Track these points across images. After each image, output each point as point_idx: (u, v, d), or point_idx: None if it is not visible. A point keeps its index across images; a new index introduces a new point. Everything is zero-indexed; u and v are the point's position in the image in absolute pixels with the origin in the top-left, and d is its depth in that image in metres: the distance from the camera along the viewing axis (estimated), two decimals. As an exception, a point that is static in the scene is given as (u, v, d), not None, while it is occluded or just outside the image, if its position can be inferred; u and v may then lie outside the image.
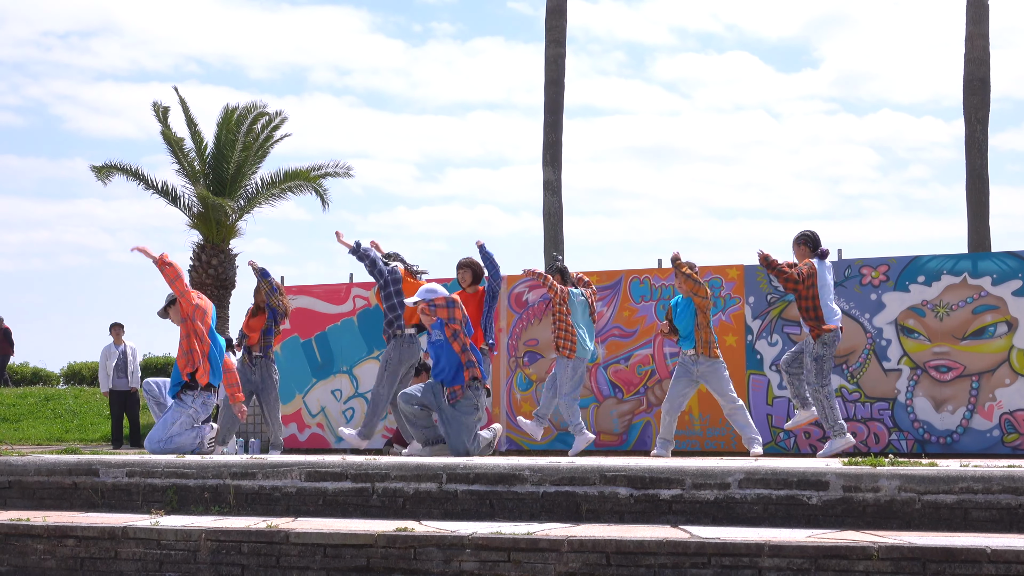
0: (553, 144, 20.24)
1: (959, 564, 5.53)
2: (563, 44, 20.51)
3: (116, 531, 6.98)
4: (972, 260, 11.21)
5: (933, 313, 11.04)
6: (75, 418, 19.46)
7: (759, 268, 11.52)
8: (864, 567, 5.62)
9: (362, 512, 7.21)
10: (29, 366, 26.30)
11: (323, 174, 22.43)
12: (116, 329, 16.07)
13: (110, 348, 15.98)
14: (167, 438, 9.13)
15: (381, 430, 12.82)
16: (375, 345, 13.08)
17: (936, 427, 10.96)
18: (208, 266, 21.49)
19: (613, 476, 6.81)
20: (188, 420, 9.20)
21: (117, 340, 16.00)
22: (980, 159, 18.69)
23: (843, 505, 6.42)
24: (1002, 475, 6.27)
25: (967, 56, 18.92)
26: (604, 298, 12.21)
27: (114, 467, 7.95)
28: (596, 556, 6.01)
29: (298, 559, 6.53)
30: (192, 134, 22.21)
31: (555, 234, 19.95)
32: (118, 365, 15.87)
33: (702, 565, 5.85)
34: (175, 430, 9.15)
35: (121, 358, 15.93)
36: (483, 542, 6.21)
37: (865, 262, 11.34)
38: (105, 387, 16.02)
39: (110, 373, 15.86)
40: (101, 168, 21.54)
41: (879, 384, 11.16)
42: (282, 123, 22.64)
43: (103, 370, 16.06)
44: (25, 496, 8.12)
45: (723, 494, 6.60)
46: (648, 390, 11.97)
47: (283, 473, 7.48)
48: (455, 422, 8.70)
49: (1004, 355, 10.80)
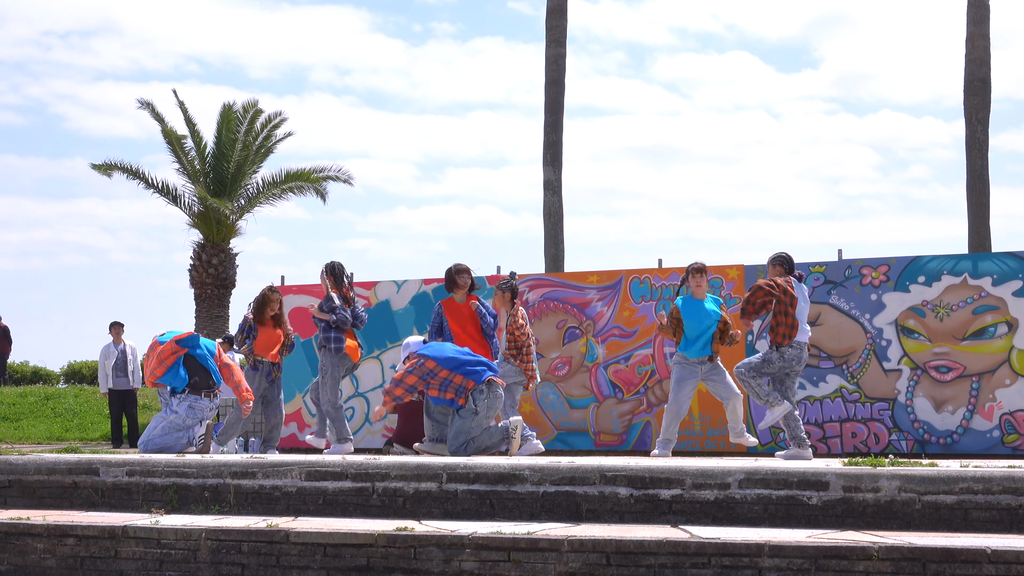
0: (554, 144, 20.24)
1: (959, 564, 5.53)
2: (564, 44, 20.52)
3: (116, 530, 6.98)
4: (972, 260, 11.21)
5: (933, 313, 11.04)
6: (75, 417, 19.45)
7: (759, 268, 11.53)
8: (864, 567, 5.62)
9: (362, 512, 7.21)
10: (29, 365, 26.29)
11: (325, 177, 22.46)
12: (116, 328, 16.06)
13: (109, 347, 15.95)
14: (149, 439, 9.25)
15: (381, 429, 12.82)
16: (375, 345, 13.08)
17: (936, 427, 10.96)
18: (208, 265, 21.51)
19: (613, 476, 6.81)
20: (170, 424, 9.25)
21: (116, 339, 15.97)
22: (981, 159, 18.70)
23: (843, 505, 6.42)
24: (1002, 475, 6.27)
25: (968, 56, 18.92)
26: (604, 298, 12.22)
27: (114, 466, 7.95)
28: (596, 556, 6.01)
29: (298, 558, 6.53)
30: (192, 133, 22.22)
31: (555, 234, 19.95)
32: (117, 364, 15.86)
33: (702, 565, 5.86)
34: (156, 432, 9.25)
35: (120, 357, 15.91)
36: (483, 542, 6.21)
37: (865, 262, 11.34)
38: (104, 387, 16.01)
39: (109, 373, 15.83)
40: (102, 166, 21.57)
41: (879, 384, 11.16)
42: (282, 123, 22.68)
43: (102, 370, 16.04)
44: (25, 495, 8.12)
45: (723, 494, 6.60)
46: (648, 390, 11.97)
47: (283, 472, 7.48)
48: (452, 424, 8.79)
49: (1004, 356, 10.80)
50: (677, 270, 11.85)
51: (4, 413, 19.78)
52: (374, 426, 13.01)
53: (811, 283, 11.37)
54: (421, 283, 13.06)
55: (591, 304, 12.24)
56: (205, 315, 21.53)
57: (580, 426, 12.12)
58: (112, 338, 15.96)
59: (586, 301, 12.31)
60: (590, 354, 12.19)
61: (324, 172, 22.47)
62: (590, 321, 12.21)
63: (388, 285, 13.25)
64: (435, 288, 12.85)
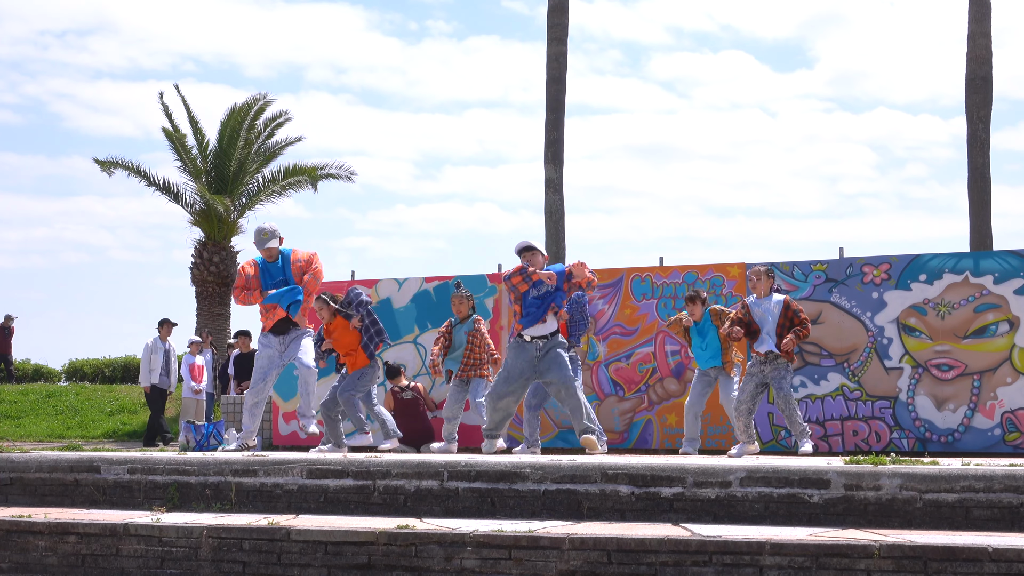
0: (555, 142, 20.23)
1: (960, 563, 5.53)
2: (565, 42, 20.50)
3: (118, 528, 6.98)
4: (974, 259, 11.20)
5: (935, 311, 11.03)
6: (76, 415, 19.46)
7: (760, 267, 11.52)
8: (865, 566, 5.62)
9: (363, 509, 7.21)
10: (30, 363, 26.31)
11: (326, 174, 22.45)
12: (166, 326, 15.60)
13: (156, 343, 15.44)
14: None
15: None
16: (376, 343, 13.08)
17: (937, 426, 10.95)
18: (209, 263, 21.50)
19: (614, 474, 6.81)
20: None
21: (163, 337, 15.54)
22: (982, 158, 18.67)
23: (844, 503, 6.41)
24: (1003, 474, 6.27)
25: (969, 55, 18.89)
26: (605, 296, 12.21)
27: (116, 464, 7.95)
28: (597, 554, 6.01)
29: (299, 556, 6.53)
30: (194, 131, 22.22)
31: (557, 232, 19.94)
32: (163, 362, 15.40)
33: (703, 563, 5.85)
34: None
35: (165, 357, 15.49)
36: (484, 540, 6.21)
37: (867, 260, 11.33)
38: (147, 382, 15.42)
39: (156, 368, 15.34)
40: (104, 162, 21.55)
41: (880, 382, 11.15)
42: (286, 121, 22.67)
43: (147, 364, 15.44)
44: (27, 493, 8.12)
45: (724, 492, 6.60)
46: (649, 388, 11.96)
47: (284, 471, 7.48)
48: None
49: (1006, 354, 10.79)
50: (678, 268, 11.84)
51: (6, 411, 19.81)
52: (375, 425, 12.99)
53: (812, 281, 11.37)
54: (422, 281, 13.05)
55: (592, 302, 12.23)
56: (206, 313, 21.53)
57: (581, 424, 12.10)
58: (159, 335, 15.54)
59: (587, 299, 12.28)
60: (591, 352, 12.18)
61: (326, 168, 22.47)
62: (591, 319, 12.19)
63: (389, 283, 13.25)
64: (436, 286, 12.85)
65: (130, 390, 21.54)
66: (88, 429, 18.19)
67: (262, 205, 22.59)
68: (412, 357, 12.83)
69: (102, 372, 24.94)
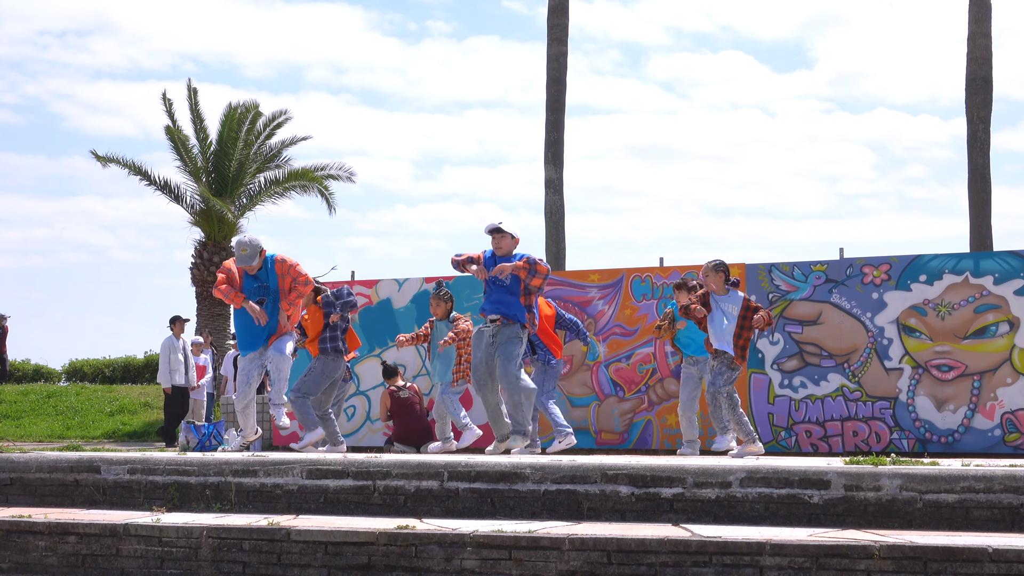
0: (555, 142, 20.23)
1: (961, 563, 5.53)
2: (565, 42, 20.51)
3: (118, 528, 6.98)
4: (974, 259, 11.20)
5: (935, 312, 11.03)
6: (76, 415, 19.47)
7: (760, 267, 11.53)
8: (865, 566, 5.62)
9: (363, 510, 7.21)
10: (30, 363, 26.30)
11: (327, 175, 22.44)
12: (179, 323, 15.38)
13: (173, 341, 15.23)
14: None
15: (382, 428, 12.81)
16: (376, 343, 13.09)
17: (937, 426, 10.95)
18: (210, 264, 21.51)
19: (614, 474, 6.80)
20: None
21: (177, 335, 15.31)
22: (982, 158, 18.68)
23: (844, 504, 6.41)
24: (1004, 474, 6.26)
25: (969, 55, 18.90)
26: (605, 296, 12.21)
27: (116, 464, 7.95)
28: (597, 554, 6.01)
29: (299, 556, 6.53)
30: (196, 131, 22.22)
31: (557, 232, 19.95)
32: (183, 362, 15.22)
33: (703, 564, 5.85)
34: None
35: (183, 354, 15.29)
36: (484, 540, 6.21)
37: (867, 261, 11.34)
38: (168, 382, 15.19)
39: (176, 368, 15.10)
40: (102, 157, 21.53)
41: (880, 383, 11.15)
42: (286, 121, 22.67)
43: (167, 364, 15.17)
44: (27, 493, 8.12)
45: (724, 493, 6.59)
46: (649, 388, 11.97)
47: (285, 471, 7.48)
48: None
49: (1006, 354, 10.79)
50: (678, 269, 11.84)
51: (6, 411, 19.81)
52: (375, 424, 13.01)
53: (812, 282, 11.37)
54: (422, 281, 13.06)
55: (592, 303, 12.23)
56: (207, 313, 21.54)
57: (581, 425, 12.11)
58: (173, 333, 15.34)
59: (587, 300, 12.30)
60: (591, 353, 12.18)
61: (326, 170, 22.47)
62: (591, 319, 12.20)
63: (389, 283, 13.25)
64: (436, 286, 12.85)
65: (130, 390, 21.55)
66: (88, 429, 18.19)
67: (262, 206, 22.62)
68: (412, 358, 12.83)
69: (102, 372, 24.93)
